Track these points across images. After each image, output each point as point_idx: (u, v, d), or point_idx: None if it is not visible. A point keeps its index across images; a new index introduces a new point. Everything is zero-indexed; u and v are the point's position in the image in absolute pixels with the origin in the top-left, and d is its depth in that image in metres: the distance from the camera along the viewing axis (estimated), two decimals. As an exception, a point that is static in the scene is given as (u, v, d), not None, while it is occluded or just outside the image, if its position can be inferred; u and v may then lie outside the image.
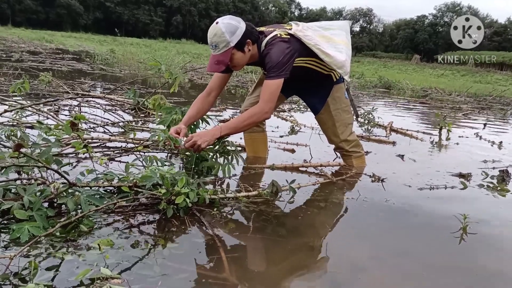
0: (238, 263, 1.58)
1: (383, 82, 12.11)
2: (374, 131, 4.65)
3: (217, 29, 2.29)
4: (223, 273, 1.49)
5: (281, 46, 2.40)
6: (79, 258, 1.47)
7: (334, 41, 2.62)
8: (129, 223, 1.80)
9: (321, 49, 2.50)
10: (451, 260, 1.80)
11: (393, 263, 1.72)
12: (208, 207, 2.03)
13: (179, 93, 6.39)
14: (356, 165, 2.99)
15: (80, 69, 9.11)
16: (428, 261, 1.76)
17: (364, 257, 1.75)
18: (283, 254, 1.71)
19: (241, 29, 2.33)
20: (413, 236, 2.02)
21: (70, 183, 1.77)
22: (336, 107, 2.84)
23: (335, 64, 2.55)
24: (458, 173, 3.06)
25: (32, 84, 5.60)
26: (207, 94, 2.63)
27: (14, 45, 14.95)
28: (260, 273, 1.54)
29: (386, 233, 2.02)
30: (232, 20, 2.34)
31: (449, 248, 1.91)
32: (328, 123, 2.88)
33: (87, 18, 60.89)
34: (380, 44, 73.07)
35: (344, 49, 2.62)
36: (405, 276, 1.63)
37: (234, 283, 1.45)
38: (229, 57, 2.35)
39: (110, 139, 2.98)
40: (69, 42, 21.68)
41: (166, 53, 16.17)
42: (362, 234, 1.99)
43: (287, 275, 1.55)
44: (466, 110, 7.75)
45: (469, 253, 1.88)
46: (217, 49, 2.33)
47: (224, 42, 2.30)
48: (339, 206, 2.31)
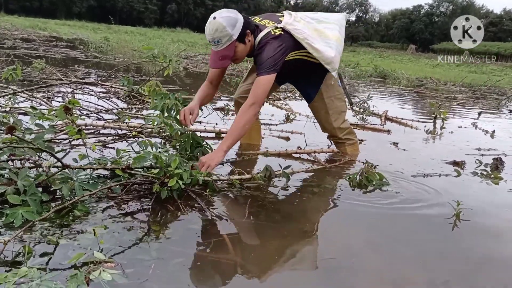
0: (234, 248, 1.59)
1: (379, 72, 12.10)
2: (369, 120, 4.65)
3: (217, 24, 2.25)
4: (220, 255, 1.50)
5: (273, 44, 2.38)
6: (74, 242, 1.47)
7: (326, 35, 2.59)
8: (123, 208, 1.80)
9: (310, 44, 2.47)
10: (445, 246, 1.81)
11: (388, 248, 1.74)
12: (202, 191, 2.03)
13: (174, 81, 6.36)
14: (350, 152, 3.00)
15: (74, 57, 9.03)
16: (423, 246, 1.77)
17: (359, 242, 1.76)
18: (277, 239, 1.71)
19: (240, 20, 2.30)
20: (408, 222, 2.03)
21: (64, 164, 1.76)
22: (329, 95, 2.83)
23: (323, 60, 2.53)
24: (452, 161, 3.07)
25: (25, 71, 5.54)
26: (208, 83, 2.61)
27: (7, 32, 14.76)
28: (253, 258, 1.55)
29: (380, 219, 2.03)
30: (230, 13, 2.31)
31: (443, 234, 1.92)
32: (322, 111, 2.88)
33: (81, 6, 60.20)
34: (376, 34, 72.86)
35: (334, 44, 2.58)
36: (400, 260, 1.64)
37: (229, 265, 1.45)
38: (233, 51, 2.33)
39: (104, 126, 2.96)
40: (63, 30, 21.43)
41: (161, 41, 16.07)
42: (356, 219, 2.00)
43: (281, 260, 1.56)
44: (461, 100, 7.77)
45: (463, 239, 1.89)
46: (220, 44, 2.29)
47: (227, 36, 2.27)
48: (333, 192, 2.32)
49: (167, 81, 6.28)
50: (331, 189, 2.35)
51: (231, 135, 2.32)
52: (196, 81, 6.80)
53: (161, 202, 1.88)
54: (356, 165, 2.80)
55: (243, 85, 2.93)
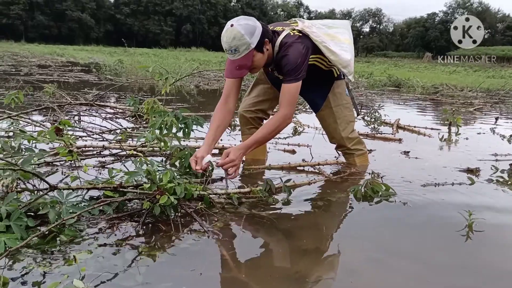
0: (227, 269, 1.50)
1: (393, 81, 11.92)
2: (380, 129, 4.52)
3: (235, 32, 2.13)
4: (212, 277, 1.41)
5: (297, 47, 2.29)
6: (56, 269, 1.40)
7: (339, 39, 2.53)
8: (112, 230, 1.73)
9: (328, 47, 2.40)
10: (455, 259, 1.69)
11: (392, 264, 1.62)
12: (197, 205, 1.95)
13: (186, 99, 6.33)
14: (359, 163, 2.89)
15: (86, 80, 9.14)
16: (431, 261, 1.65)
17: (361, 259, 1.65)
18: (276, 258, 1.62)
19: (259, 28, 2.20)
20: (415, 235, 1.91)
21: (51, 186, 1.71)
22: (337, 103, 2.74)
23: (340, 63, 2.47)
24: (465, 168, 2.93)
25: (36, 96, 5.61)
26: (224, 101, 2.42)
27: (25, 59, 15.14)
28: (249, 278, 1.45)
29: (386, 233, 1.92)
30: (248, 21, 2.20)
31: (454, 247, 1.80)
32: (329, 119, 2.78)
33: (98, 31, 61.72)
34: (391, 44, 72.53)
35: (348, 48, 2.54)
36: (405, 278, 1.52)
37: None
38: (251, 60, 2.23)
39: (104, 146, 2.92)
40: (80, 55, 21.91)
41: (175, 61, 16.22)
42: (359, 234, 1.89)
43: (279, 281, 1.46)
44: (478, 105, 7.56)
45: (476, 252, 1.76)
46: (237, 53, 2.18)
47: (245, 44, 2.16)
48: (336, 205, 2.21)
49: (178, 99, 6.27)
50: (335, 202, 2.24)
51: (256, 141, 2.30)
52: (208, 99, 6.76)
53: (153, 220, 1.81)
54: (362, 176, 2.69)
55: (248, 98, 2.85)
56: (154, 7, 64.82)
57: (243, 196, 2.15)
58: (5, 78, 8.01)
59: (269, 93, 2.79)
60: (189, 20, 65.91)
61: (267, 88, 2.79)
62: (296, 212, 2.06)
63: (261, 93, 2.82)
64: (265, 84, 2.80)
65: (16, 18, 53.32)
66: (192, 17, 65.85)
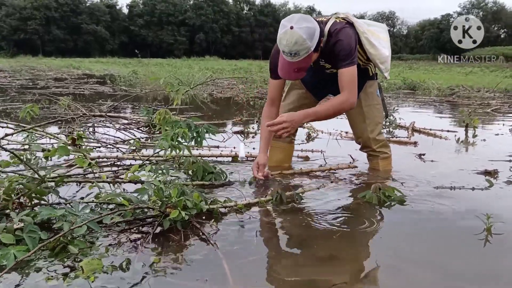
0: (240, 278, 1.47)
1: (408, 83, 11.80)
2: (395, 133, 4.46)
3: (296, 36, 2.10)
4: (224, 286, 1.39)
5: (347, 31, 2.30)
6: (63, 282, 1.40)
7: (378, 36, 2.53)
8: (123, 241, 1.72)
9: (368, 39, 2.40)
10: (474, 266, 1.63)
11: (409, 272, 1.57)
12: (208, 219, 1.94)
13: (200, 108, 6.34)
14: (381, 167, 2.83)
15: (101, 92, 9.26)
16: (448, 269, 1.59)
17: (376, 267, 1.61)
18: (288, 267, 1.59)
19: (317, 30, 2.18)
20: (431, 240, 1.85)
21: (66, 200, 1.71)
22: (368, 103, 2.69)
23: (378, 58, 2.46)
24: (483, 170, 2.86)
25: (52, 108, 5.70)
26: (271, 104, 2.54)
27: (42, 73, 15.42)
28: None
29: (401, 238, 1.87)
30: (308, 23, 2.15)
31: (471, 252, 1.74)
32: (358, 118, 2.73)
33: (113, 43, 62.74)
34: (405, 47, 71.97)
35: (387, 45, 2.55)
36: (422, 287, 1.48)
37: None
38: (310, 62, 2.25)
39: (117, 157, 2.93)
40: (95, 67, 22.25)
41: (188, 70, 16.33)
42: (373, 240, 1.85)
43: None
44: (495, 106, 7.42)
45: (495, 256, 1.70)
46: (297, 56, 2.16)
47: (306, 49, 2.14)
48: (348, 210, 2.17)
49: (192, 108, 6.29)
50: (349, 207, 2.21)
51: (315, 113, 2.32)
52: (221, 107, 6.78)
53: (163, 231, 1.80)
54: (378, 180, 2.64)
55: (283, 104, 2.77)
56: (167, 18, 65.62)
57: (252, 207, 2.12)
58: (22, 92, 8.16)
59: (304, 98, 2.75)
60: (202, 29, 66.47)
61: (302, 93, 2.76)
62: (308, 220, 2.03)
63: (295, 99, 2.78)
64: (300, 89, 2.77)
65: (33, 33, 54.53)
66: (205, 26, 66.40)
